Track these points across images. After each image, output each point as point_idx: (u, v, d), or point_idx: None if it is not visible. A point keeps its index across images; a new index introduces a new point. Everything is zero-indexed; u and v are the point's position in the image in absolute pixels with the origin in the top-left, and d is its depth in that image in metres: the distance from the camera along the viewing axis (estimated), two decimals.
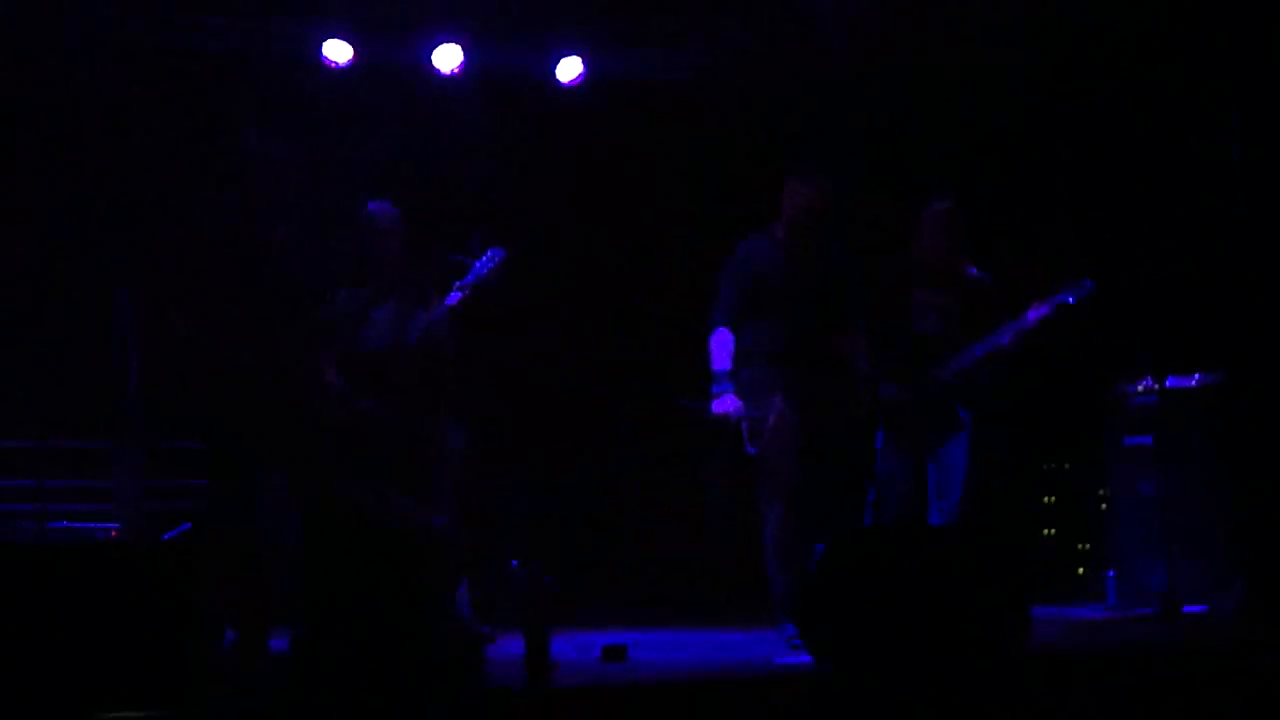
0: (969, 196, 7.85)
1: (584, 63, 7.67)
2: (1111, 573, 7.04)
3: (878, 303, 6.11)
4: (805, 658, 4.75)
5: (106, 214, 7.23)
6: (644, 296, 8.18)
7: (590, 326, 8.18)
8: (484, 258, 5.81)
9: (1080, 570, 7.73)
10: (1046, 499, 7.99)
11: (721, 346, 5.91)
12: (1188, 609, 6.31)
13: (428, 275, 6.02)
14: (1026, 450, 7.88)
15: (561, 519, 7.89)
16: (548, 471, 7.94)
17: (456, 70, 7.50)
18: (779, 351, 5.89)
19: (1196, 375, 6.92)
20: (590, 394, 8.05)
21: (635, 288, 8.22)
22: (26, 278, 7.11)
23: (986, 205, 7.94)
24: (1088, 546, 7.73)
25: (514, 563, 5.26)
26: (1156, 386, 6.78)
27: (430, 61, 7.52)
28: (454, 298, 5.76)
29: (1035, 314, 5.94)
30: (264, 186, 5.33)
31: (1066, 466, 7.97)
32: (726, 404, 5.83)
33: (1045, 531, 7.93)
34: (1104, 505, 7.41)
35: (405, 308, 5.93)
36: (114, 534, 6.59)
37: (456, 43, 7.48)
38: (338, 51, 7.35)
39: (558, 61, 7.68)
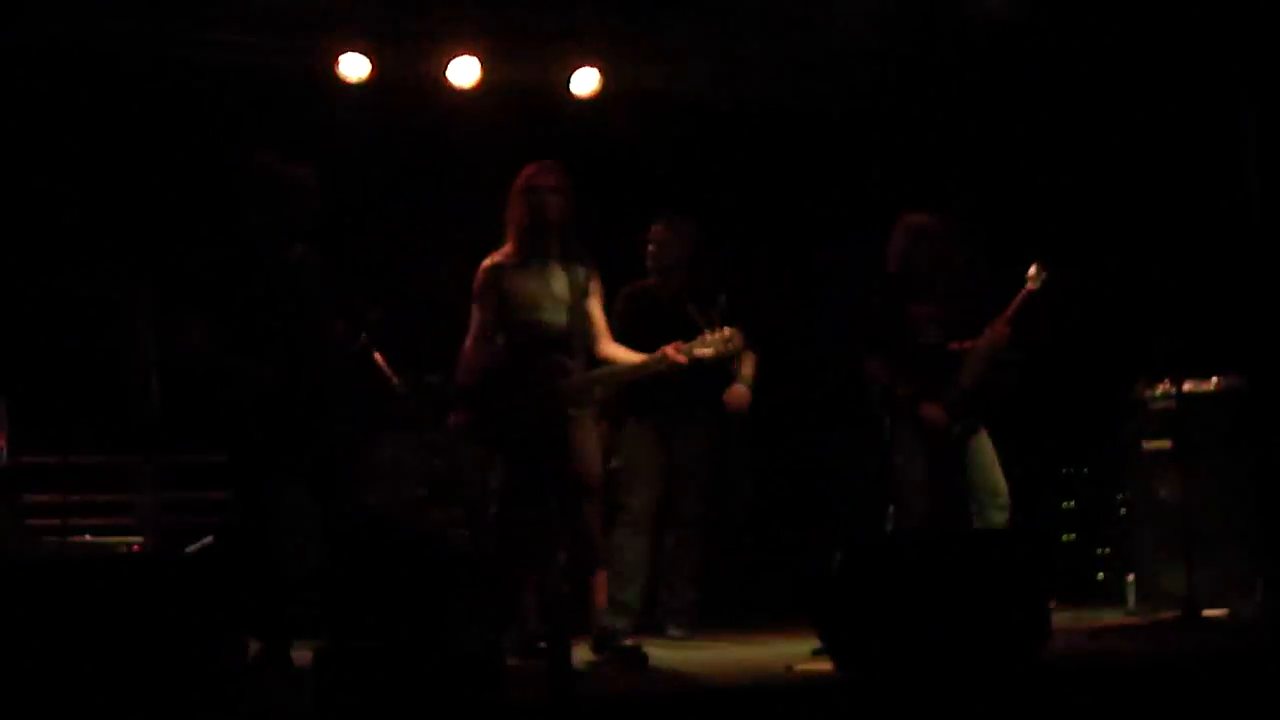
0: (986, 199, 7.89)
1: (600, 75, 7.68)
2: (1131, 577, 7.04)
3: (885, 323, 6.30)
4: (827, 664, 4.76)
5: (127, 230, 7.26)
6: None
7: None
8: (723, 336, 5.36)
9: (1100, 574, 7.70)
10: (1066, 503, 7.97)
11: None
12: (1208, 613, 6.29)
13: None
14: (1045, 454, 7.87)
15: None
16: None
17: (473, 84, 7.51)
18: None
19: (1216, 378, 6.91)
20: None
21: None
22: (48, 293, 7.14)
23: (1004, 208, 7.97)
24: (1107, 550, 7.70)
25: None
26: (1175, 390, 6.76)
27: (447, 75, 7.53)
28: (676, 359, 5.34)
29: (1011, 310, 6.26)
30: (281, 203, 5.32)
31: (1086, 470, 7.95)
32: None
33: (1065, 536, 7.91)
34: (1123, 509, 7.40)
35: (571, 277, 5.52)
36: (136, 548, 6.62)
37: (473, 56, 7.49)
38: (355, 66, 7.37)
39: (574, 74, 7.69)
